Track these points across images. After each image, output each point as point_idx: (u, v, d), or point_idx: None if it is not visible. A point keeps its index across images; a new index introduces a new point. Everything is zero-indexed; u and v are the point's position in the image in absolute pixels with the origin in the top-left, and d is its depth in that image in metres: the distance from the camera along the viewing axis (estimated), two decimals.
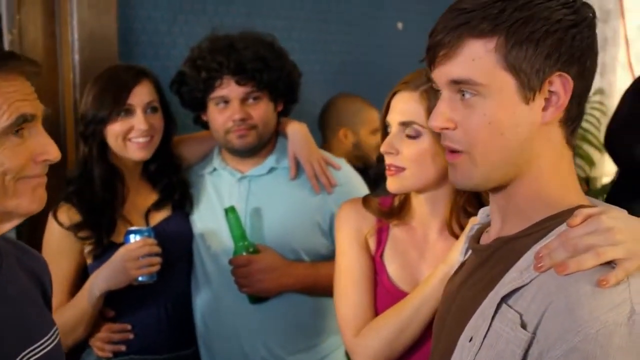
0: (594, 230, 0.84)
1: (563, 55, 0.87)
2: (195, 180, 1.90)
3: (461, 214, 1.37)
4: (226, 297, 1.80)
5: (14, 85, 1.02)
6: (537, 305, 0.83)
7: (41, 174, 1.06)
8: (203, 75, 1.75)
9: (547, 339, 0.81)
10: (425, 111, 1.30)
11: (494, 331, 0.87)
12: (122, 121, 1.71)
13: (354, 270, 1.43)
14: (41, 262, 1.28)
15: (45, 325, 1.19)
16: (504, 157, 0.90)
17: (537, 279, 0.85)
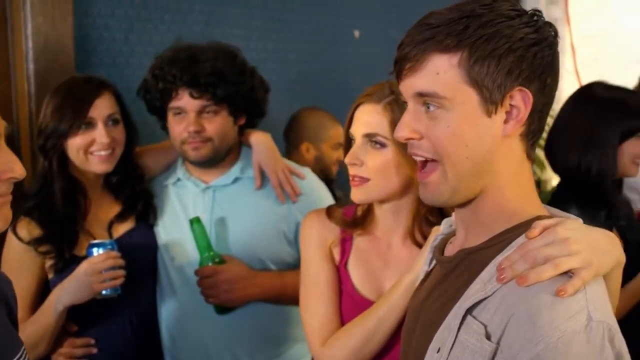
0: (551, 241, 0.88)
1: (524, 71, 0.91)
2: (159, 190, 1.89)
3: (423, 223, 1.40)
4: (192, 308, 1.79)
5: None
6: (500, 316, 0.86)
7: (6, 192, 1.04)
8: (160, 85, 1.75)
9: (510, 349, 0.84)
10: (389, 123, 1.33)
11: (460, 342, 0.90)
12: (83, 134, 1.69)
13: (319, 281, 1.45)
14: (7, 281, 1.26)
15: (15, 345, 1.16)
16: (469, 169, 0.93)
17: (500, 290, 0.89)
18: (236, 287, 1.72)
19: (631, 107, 1.71)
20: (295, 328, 1.86)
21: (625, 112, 1.70)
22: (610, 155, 1.67)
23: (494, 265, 0.91)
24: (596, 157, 1.67)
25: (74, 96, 1.70)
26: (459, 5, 0.93)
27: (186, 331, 1.81)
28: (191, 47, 1.78)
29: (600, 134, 1.68)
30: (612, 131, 1.68)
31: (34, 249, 1.66)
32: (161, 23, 2.51)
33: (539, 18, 0.94)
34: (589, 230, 0.93)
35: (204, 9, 2.63)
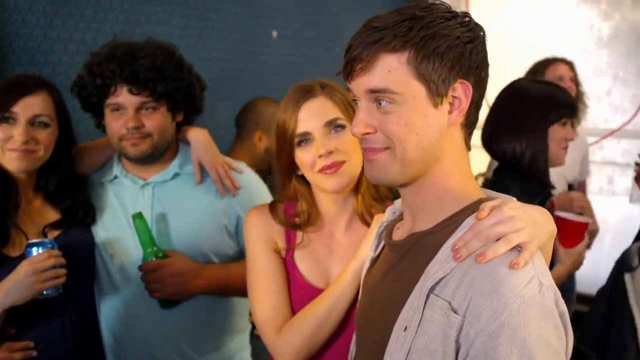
0: (499, 220, 0.98)
1: (463, 66, 1.01)
2: (95, 189, 1.86)
3: (364, 210, 1.48)
4: (135, 305, 1.78)
5: None
6: (464, 291, 0.95)
7: None
8: (98, 81, 1.72)
9: (479, 319, 0.93)
10: (338, 107, 1.42)
11: (426, 319, 0.99)
12: (3, 128, 1.64)
13: (268, 274, 1.48)
14: None
15: None
16: (418, 155, 1.02)
17: (457, 268, 0.98)
18: (182, 280, 1.73)
19: (555, 97, 1.90)
20: (238, 319, 1.90)
21: (552, 103, 1.88)
22: (540, 141, 1.86)
23: (449, 246, 1.00)
24: (530, 144, 1.85)
25: (6, 88, 1.66)
26: (399, 9, 1.03)
27: (129, 328, 1.80)
28: (129, 44, 1.77)
29: (531, 123, 1.86)
30: (541, 120, 1.87)
31: None
32: (81, 19, 2.46)
33: (470, 19, 1.05)
34: (527, 207, 1.04)
35: (124, 6, 2.60)
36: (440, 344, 0.95)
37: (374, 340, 1.08)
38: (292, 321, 1.43)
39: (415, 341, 0.98)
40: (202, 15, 2.86)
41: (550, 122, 1.88)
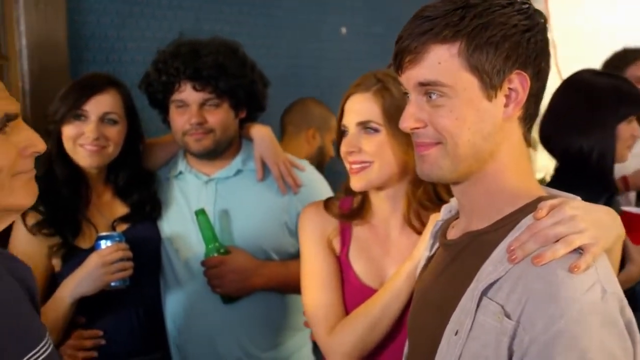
0: (559, 220, 0.93)
1: (520, 56, 0.96)
2: (162, 184, 1.91)
3: (420, 208, 1.44)
4: (198, 299, 1.82)
5: None
6: (518, 295, 0.91)
7: (30, 167, 1.06)
8: (163, 78, 1.77)
9: (533, 326, 0.88)
10: (380, 109, 1.39)
11: (478, 324, 0.94)
12: (75, 125, 1.72)
13: (321, 272, 1.48)
14: (27, 269, 1.27)
15: (41, 330, 1.18)
16: (470, 151, 0.98)
17: (512, 271, 0.93)
18: (242, 277, 1.76)
19: (624, 92, 1.79)
20: (298, 316, 1.90)
21: (621, 98, 1.78)
22: (610, 138, 1.76)
23: (504, 247, 0.95)
24: (597, 141, 1.75)
25: (79, 87, 1.74)
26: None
27: (192, 322, 1.84)
28: (193, 42, 1.81)
29: (599, 118, 1.76)
30: (610, 116, 1.77)
31: (38, 231, 1.68)
32: (153, 19, 2.52)
33: (529, 6, 0.99)
34: (592, 207, 0.98)
35: (194, 4, 2.65)
36: (493, 350, 0.91)
37: (425, 344, 1.05)
38: (344, 321, 1.42)
39: (467, 346, 0.95)
40: (269, 13, 2.88)
41: (619, 118, 1.77)
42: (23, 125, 1.05)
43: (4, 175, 1.01)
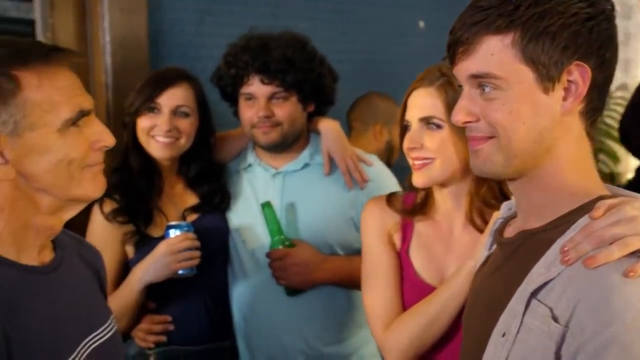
0: (617, 220, 0.87)
1: (581, 46, 0.90)
2: (231, 176, 1.95)
3: (483, 206, 1.40)
4: (263, 291, 1.84)
5: (67, 78, 1.06)
6: (568, 298, 0.86)
7: (99, 160, 1.11)
8: (232, 71, 1.81)
9: (583, 332, 0.83)
10: (443, 104, 1.35)
11: (526, 326, 0.90)
12: (148, 117, 1.78)
13: (381, 267, 1.47)
14: (96, 253, 1.33)
15: (105, 313, 1.24)
16: (525, 146, 0.93)
17: (564, 273, 0.88)
18: (306, 270, 1.77)
19: None
20: (363, 313, 1.88)
21: None
22: None
23: (558, 247, 0.91)
24: None
25: (154, 80, 1.80)
26: None
27: (257, 313, 1.87)
28: (263, 36, 1.83)
29: None
30: None
31: (113, 218, 1.75)
32: (230, 15, 2.57)
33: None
34: None
35: (270, 1, 2.68)
36: (540, 354, 0.87)
37: (474, 344, 1.02)
38: (400, 318, 1.40)
39: (513, 349, 0.91)
40: (345, 8, 2.87)
41: None
42: (95, 120, 1.10)
43: (74, 166, 1.06)
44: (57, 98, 1.02)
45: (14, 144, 1.01)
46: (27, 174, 1.03)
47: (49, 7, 2.31)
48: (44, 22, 2.32)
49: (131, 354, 1.80)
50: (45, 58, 1.03)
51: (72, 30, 2.36)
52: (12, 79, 1.00)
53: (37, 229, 1.08)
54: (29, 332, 1.03)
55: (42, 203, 1.06)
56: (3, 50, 1.02)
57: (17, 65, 1.01)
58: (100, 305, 1.25)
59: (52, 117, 1.02)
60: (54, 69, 1.04)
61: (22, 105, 1.00)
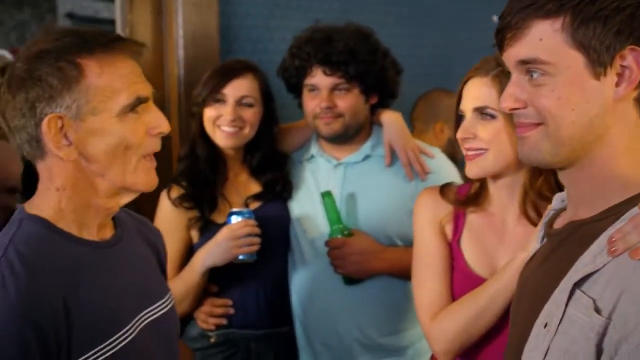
0: None
1: (636, 30, 0.86)
2: (295, 166, 1.98)
3: (538, 199, 1.36)
4: (321, 279, 1.87)
5: (128, 66, 1.12)
6: (612, 290, 0.83)
7: (157, 148, 1.16)
8: (296, 63, 1.84)
9: (625, 325, 0.80)
10: (498, 94, 1.32)
11: (568, 317, 0.88)
12: (214, 107, 1.83)
13: (431, 257, 1.46)
14: (157, 233, 1.40)
15: (162, 290, 1.29)
16: (573, 133, 0.90)
17: (610, 264, 0.85)
18: (363, 259, 1.78)
19: None
20: None
21: None
22: None
23: (605, 238, 0.88)
24: None
25: (220, 72, 1.86)
26: None
27: (315, 300, 1.89)
28: (327, 28, 1.85)
29: None
30: None
31: (179, 204, 1.82)
32: (299, 9, 2.61)
33: None
34: None
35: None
36: (581, 346, 0.85)
37: (518, 336, 1.00)
38: (448, 309, 1.39)
39: (555, 340, 0.88)
40: (415, 2, 2.85)
41: None
42: (153, 107, 1.15)
43: (131, 152, 1.11)
44: (117, 85, 1.08)
45: (77, 127, 1.07)
46: (88, 156, 1.09)
47: (128, 5, 2.42)
48: (123, 19, 2.43)
49: (194, 334, 1.88)
50: (107, 47, 1.08)
51: (149, 26, 2.46)
52: (76, 67, 1.06)
53: (96, 208, 1.14)
54: (88, 302, 1.09)
55: (100, 187, 1.12)
56: (69, 39, 1.08)
57: (82, 54, 1.07)
58: (158, 282, 1.31)
59: (112, 103, 1.08)
60: (115, 57, 1.09)
61: (84, 91, 1.06)
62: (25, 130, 1.08)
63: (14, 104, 1.07)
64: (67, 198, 1.11)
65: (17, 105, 1.06)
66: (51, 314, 1.02)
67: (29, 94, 1.05)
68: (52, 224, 1.10)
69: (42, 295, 1.02)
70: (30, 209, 1.12)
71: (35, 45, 1.08)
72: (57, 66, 1.05)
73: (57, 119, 1.06)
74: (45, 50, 1.06)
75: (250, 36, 2.51)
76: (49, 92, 1.05)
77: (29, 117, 1.06)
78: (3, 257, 1.03)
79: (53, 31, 1.11)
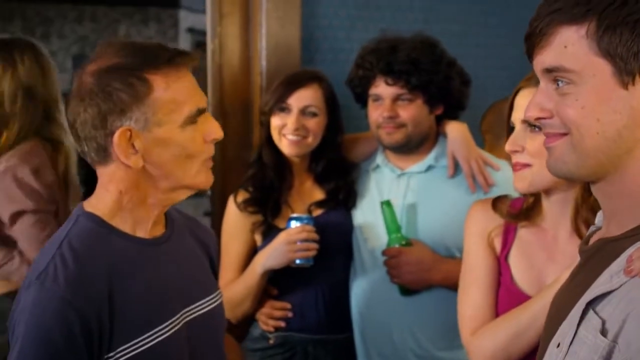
0: None
1: None
2: (361, 176, 2.01)
3: (591, 216, 1.30)
4: (379, 287, 1.88)
5: (189, 80, 1.20)
6: (620, 311, 0.79)
7: (211, 152, 1.24)
8: (360, 72, 1.87)
9: (628, 348, 0.77)
10: None
11: (579, 338, 0.84)
12: (280, 116, 1.90)
13: (477, 270, 1.43)
14: (210, 234, 1.48)
15: (210, 287, 1.37)
16: (599, 145, 0.86)
17: (627, 284, 0.81)
18: (419, 269, 1.77)
19: None
20: None
21: None
22: None
23: (625, 257, 0.84)
24: None
25: (286, 82, 1.93)
26: None
27: (372, 309, 1.91)
28: (393, 38, 1.87)
29: None
30: None
31: (244, 208, 1.90)
32: (381, 21, 2.63)
33: None
34: None
35: (423, 5, 2.70)
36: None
37: (540, 354, 0.98)
38: (489, 325, 1.36)
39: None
40: (499, 12, 2.79)
41: None
42: (209, 117, 1.24)
43: (195, 159, 1.20)
44: (181, 98, 1.17)
45: (144, 137, 1.16)
46: (153, 163, 1.18)
47: (218, 17, 2.57)
48: (212, 31, 2.58)
49: (255, 335, 1.96)
50: (171, 62, 1.17)
51: (237, 38, 2.59)
52: (144, 82, 1.15)
53: (153, 204, 1.23)
54: (132, 295, 1.18)
55: (160, 185, 1.22)
56: (137, 56, 1.17)
57: (149, 69, 1.16)
58: (206, 280, 1.39)
59: (176, 115, 1.17)
60: (178, 71, 1.18)
61: (152, 104, 1.15)
62: (94, 140, 1.17)
63: (85, 116, 1.16)
64: (128, 199, 1.21)
65: (88, 117, 1.16)
66: (95, 303, 1.12)
67: (100, 107, 1.14)
68: (106, 222, 1.21)
69: (88, 286, 1.12)
70: (87, 207, 1.23)
71: (102, 60, 1.17)
72: (128, 82, 1.14)
73: (127, 131, 1.15)
74: (115, 65, 1.15)
75: (332, 47, 2.57)
76: (120, 106, 1.14)
77: (100, 128, 1.16)
78: (58, 250, 1.15)
79: (116, 46, 1.20)
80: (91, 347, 1.11)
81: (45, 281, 1.11)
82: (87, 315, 1.10)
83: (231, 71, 2.61)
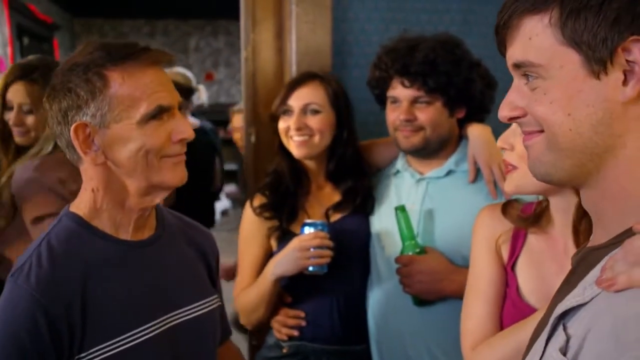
0: None
1: (637, 18, 0.72)
2: (382, 181, 1.94)
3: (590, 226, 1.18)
4: (394, 298, 1.80)
5: (150, 76, 1.18)
6: (584, 327, 0.71)
7: (180, 152, 1.22)
8: (377, 74, 1.81)
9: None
10: None
11: (548, 354, 0.76)
12: (284, 119, 1.87)
13: (482, 280, 1.34)
14: (207, 237, 1.45)
15: (199, 293, 1.34)
16: (575, 143, 0.78)
17: (598, 297, 0.72)
18: (430, 279, 1.68)
19: None
20: None
21: None
22: None
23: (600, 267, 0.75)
24: None
25: (287, 85, 1.90)
26: None
27: (387, 320, 1.83)
28: (414, 38, 1.79)
29: None
30: None
31: (260, 212, 1.87)
32: (416, 24, 2.56)
33: None
34: None
35: (462, 7, 2.60)
36: None
37: None
38: (490, 340, 1.26)
39: None
40: None
41: None
42: (177, 115, 1.22)
43: (152, 155, 1.18)
44: (137, 94, 1.16)
45: (102, 134, 1.17)
46: (114, 160, 1.18)
47: (252, 25, 2.58)
48: (246, 38, 2.59)
49: (270, 343, 1.92)
50: (130, 57, 1.17)
51: (270, 44, 2.59)
52: (101, 77, 1.15)
53: (130, 208, 1.23)
54: (108, 297, 1.17)
55: (130, 187, 1.21)
56: (98, 52, 1.18)
57: (108, 65, 1.16)
58: (198, 285, 1.36)
59: (132, 112, 1.16)
60: (140, 68, 1.17)
61: (108, 100, 1.15)
62: (63, 136, 1.20)
63: (51, 113, 1.20)
64: (101, 198, 1.21)
65: (53, 113, 1.19)
66: (64, 303, 1.12)
67: (61, 103, 1.17)
68: (86, 221, 1.21)
69: (59, 286, 1.13)
70: (72, 207, 1.24)
71: (71, 59, 1.20)
72: (86, 78, 1.15)
73: (84, 127, 1.16)
74: (76, 63, 1.17)
75: (364, 51, 2.52)
76: (77, 101, 1.16)
77: (63, 124, 1.18)
78: (36, 249, 1.16)
79: (88, 46, 1.21)
80: (59, 346, 1.11)
81: (19, 278, 1.12)
82: (55, 315, 1.10)
83: (264, 78, 2.61)
